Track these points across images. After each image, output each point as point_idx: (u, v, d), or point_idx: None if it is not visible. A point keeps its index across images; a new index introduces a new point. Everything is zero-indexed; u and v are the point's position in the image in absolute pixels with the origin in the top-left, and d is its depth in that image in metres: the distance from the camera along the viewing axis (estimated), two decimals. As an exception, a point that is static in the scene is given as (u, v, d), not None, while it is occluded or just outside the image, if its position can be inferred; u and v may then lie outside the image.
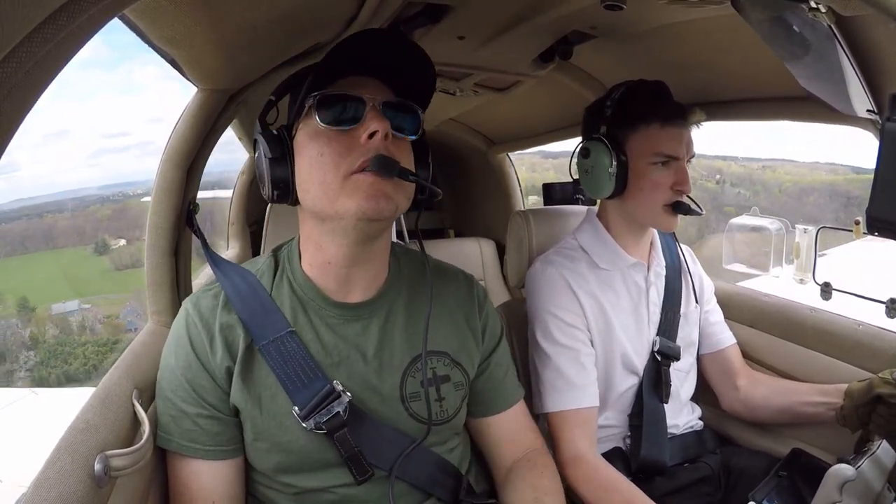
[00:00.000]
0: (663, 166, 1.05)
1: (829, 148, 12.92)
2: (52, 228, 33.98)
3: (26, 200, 33.79)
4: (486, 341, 0.90)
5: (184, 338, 0.76)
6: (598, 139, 1.08)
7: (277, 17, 0.79)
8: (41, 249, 34.58)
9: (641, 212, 1.09)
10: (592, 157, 1.09)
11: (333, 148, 0.70)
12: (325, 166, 0.70)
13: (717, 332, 1.25)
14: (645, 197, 1.06)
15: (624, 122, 1.07)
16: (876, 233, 0.58)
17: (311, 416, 0.73)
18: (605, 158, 1.06)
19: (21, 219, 35.90)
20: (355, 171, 0.69)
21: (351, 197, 0.69)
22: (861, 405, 0.97)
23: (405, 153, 0.74)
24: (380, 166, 0.69)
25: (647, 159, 1.05)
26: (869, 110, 0.78)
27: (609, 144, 1.06)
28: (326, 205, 0.71)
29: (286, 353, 0.74)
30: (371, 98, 0.71)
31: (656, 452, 1.08)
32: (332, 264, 0.77)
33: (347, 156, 0.70)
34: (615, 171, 1.05)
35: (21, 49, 0.35)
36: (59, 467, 0.58)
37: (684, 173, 1.05)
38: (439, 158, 2.84)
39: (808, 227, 1.50)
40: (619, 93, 1.09)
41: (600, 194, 1.11)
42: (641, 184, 1.06)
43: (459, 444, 0.89)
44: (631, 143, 1.06)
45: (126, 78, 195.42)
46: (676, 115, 1.05)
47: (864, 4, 0.48)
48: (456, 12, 1.05)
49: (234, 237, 1.96)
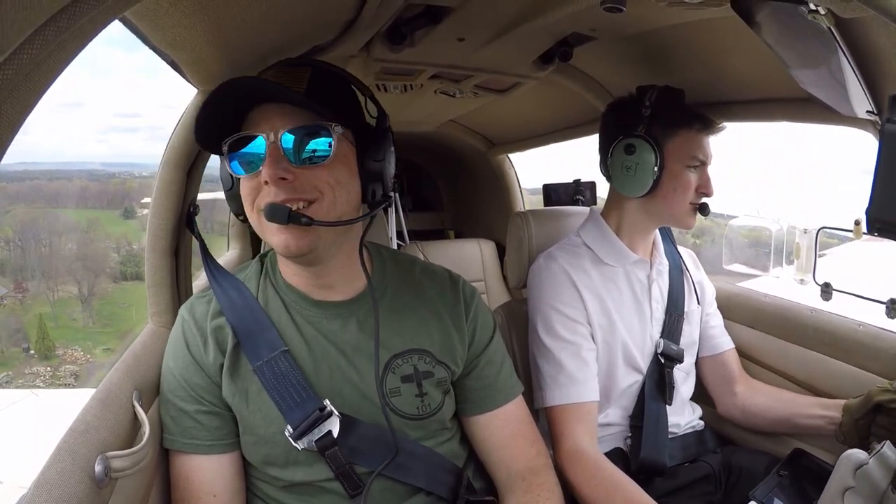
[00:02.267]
0: (694, 170, 1.09)
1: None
2: (84, 191, 36.53)
3: (30, 164, 35.32)
4: (476, 340, 0.90)
5: (180, 341, 0.81)
6: (642, 138, 1.08)
7: (277, 20, 0.79)
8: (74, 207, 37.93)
9: (669, 211, 1.12)
10: (637, 155, 1.09)
11: (247, 190, 0.74)
12: (248, 205, 0.75)
13: (717, 336, 1.26)
14: (677, 197, 1.09)
15: (665, 123, 1.08)
16: (876, 233, 0.58)
17: (304, 437, 0.76)
18: (650, 157, 1.07)
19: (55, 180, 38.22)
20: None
21: (270, 234, 0.74)
22: (860, 417, 0.97)
23: (322, 178, 0.72)
24: (269, 216, 0.70)
25: (684, 162, 1.08)
26: (869, 111, 0.78)
27: (653, 144, 1.07)
28: (261, 235, 0.76)
29: (279, 373, 0.77)
30: (271, 132, 0.70)
31: (656, 454, 1.08)
32: (299, 276, 0.83)
33: (256, 195, 0.73)
34: (658, 170, 1.07)
35: (22, 51, 0.35)
36: (60, 468, 0.58)
37: (709, 178, 1.10)
38: (439, 159, 2.87)
39: (808, 227, 1.50)
40: (654, 95, 1.09)
41: (636, 192, 1.10)
42: (675, 184, 1.08)
43: (451, 438, 0.89)
44: (671, 144, 1.08)
45: (145, 60, 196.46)
46: (710, 122, 1.10)
47: (864, 6, 0.48)
48: (456, 14, 1.05)
49: (234, 238, 1.96)
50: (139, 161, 69.16)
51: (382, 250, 0.91)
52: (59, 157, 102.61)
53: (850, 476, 0.69)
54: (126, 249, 36.01)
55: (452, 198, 2.94)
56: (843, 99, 0.81)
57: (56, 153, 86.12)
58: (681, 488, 1.10)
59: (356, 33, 1.00)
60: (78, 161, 61.54)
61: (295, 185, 0.71)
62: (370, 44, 1.16)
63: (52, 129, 58.99)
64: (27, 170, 23.25)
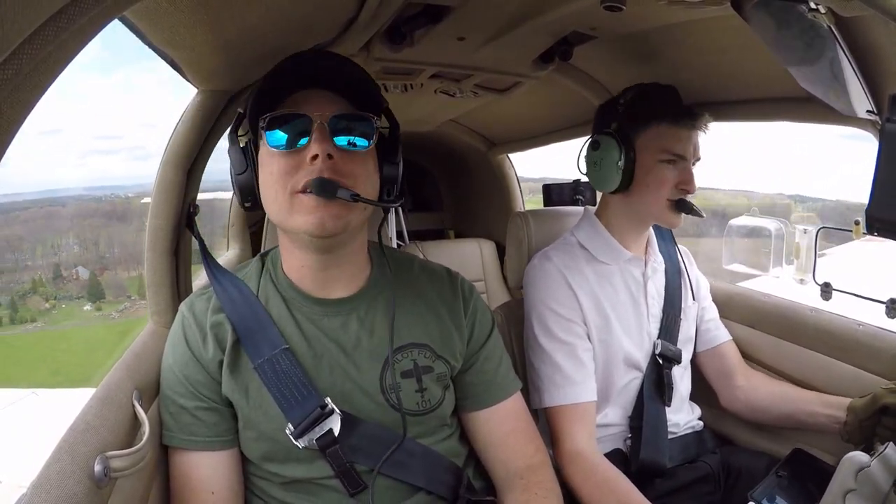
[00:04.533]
0: (670, 164, 1.08)
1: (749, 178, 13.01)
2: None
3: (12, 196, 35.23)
4: (475, 335, 0.91)
5: (180, 337, 0.81)
6: (609, 133, 1.11)
7: (277, 19, 0.79)
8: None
9: (646, 207, 1.11)
10: (601, 150, 1.12)
11: (282, 167, 0.74)
12: (276, 185, 0.74)
13: (712, 329, 1.26)
14: (650, 192, 1.09)
15: (635, 119, 1.09)
16: (875, 232, 0.58)
17: (304, 435, 0.76)
18: (614, 152, 1.09)
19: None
20: (299, 190, 0.73)
21: (298, 215, 0.74)
22: (865, 419, 0.96)
23: (358, 165, 0.76)
24: (319, 189, 0.71)
25: (654, 156, 1.08)
26: (869, 111, 0.78)
27: (619, 139, 1.09)
28: (282, 220, 0.76)
29: (280, 371, 0.78)
30: (318, 114, 0.73)
31: (656, 455, 1.08)
32: (306, 268, 0.82)
33: (294, 174, 0.73)
34: (623, 164, 1.08)
35: (22, 51, 0.35)
36: (59, 468, 0.58)
37: (689, 173, 1.08)
38: (439, 159, 2.87)
39: (808, 227, 1.50)
40: (632, 93, 1.12)
41: (606, 187, 1.13)
42: (648, 180, 1.08)
43: (451, 436, 0.89)
44: (640, 139, 1.09)
45: (122, 79, 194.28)
46: (686, 116, 1.08)
47: (864, 5, 0.48)
48: (456, 13, 1.05)
49: (233, 238, 1.96)
50: (121, 183, 70.00)
51: (383, 247, 0.91)
52: (38, 187, 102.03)
53: (852, 478, 0.69)
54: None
55: (452, 198, 2.94)
56: (843, 98, 0.81)
57: (36, 183, 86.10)
58: (680, 489, 1.10)
59: (356, 33, 1.00)
60: (59, 188, 61.94)
61: (336, 166, 0.73)
62: (370, 43, 1.16)
63: (28, 158, 59.28)
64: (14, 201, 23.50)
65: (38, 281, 12.67)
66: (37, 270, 12.49)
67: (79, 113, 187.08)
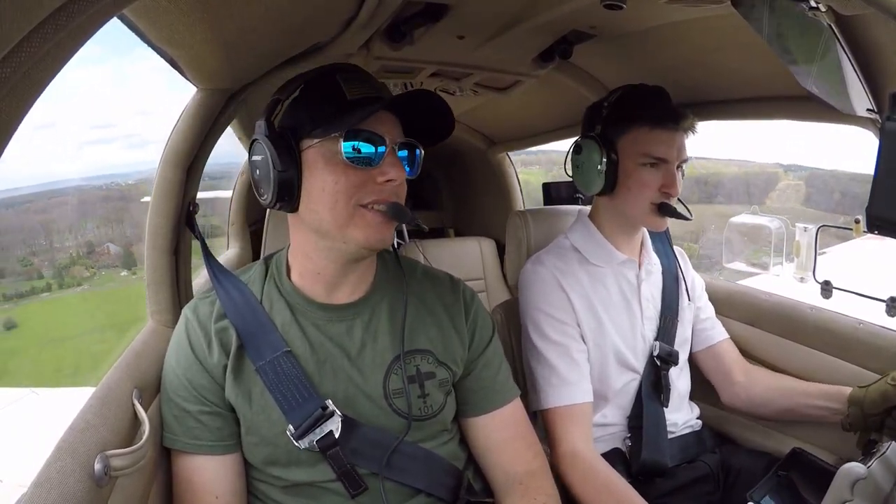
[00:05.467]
0: (652, 167, 1.07)
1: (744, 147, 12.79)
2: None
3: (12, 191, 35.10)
4: (475, 342, 0.91)
5: (184, 341, 0.81)
6: (591, 137, 1.11)
7: (277, 17, 0.78)
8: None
9: (629, 210, 1.12)
10: (584, 154, 1.13)
11: (350, 180, 0.74)
12: (339, 195, 0.74)
13: (708, 328, 1.26)
14: (632, 196, 1.09)
15: (617, 122, 1.09)
16: (875, 231, 0.58)
17: (305, 437, 0.77)
18: (595, 155, 1.10)
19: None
20: (364, 204, 0.75)
21: (359, 228, 0.75)
22: (873, 414, 0.95)
23: (404, 185, 0.79)
24: (395, 214, 0.75)
25: (635, 159, 1.08)
26: (869, 109, 0.78)
27: (600, 142, 1.09)
28: (333, 228, 0.76)
29: (282, 372, 0.78)
30: (391, 139, 0.76)
31: (658, 455, 1.08)
32: (321, 275, 0.82)
33: (361, 188, 0.74)
34: (604, 167, 1.09)
35: (21, 49, 0.35)
36: (59, 467, 0.58)
37: (672, 176, 1.07)
38: (439, 158, 2.86)
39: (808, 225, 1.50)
40: (617, 95, 1.12)
41: (590, 190, 1.14)
42: (629, 183, 1.09)
43: (451, 440, 0.89)
44: (622, 142, 1.09)
45: (112, 70, 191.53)
46: (667, 118, 1.06)
47: (864, 3, 0.48)
48: (455, 11, 1.05)
49: (233, 237, 1.96)
50: (120, 171, 69.27)
51: (385, 254, 0.92)
52: (33, 181, 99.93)
53: (848, 490, 0.68)
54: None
55: (452, 196, 2.94)
56: (844, 97, 0.81)
57: (32, 177, 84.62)
58: (679, 489, 1.10)
59: (355, 31, 1.00)
60: (57, 181, 60.82)
61: (398, 191, 0.77)
62: (370, 42, 1.16)
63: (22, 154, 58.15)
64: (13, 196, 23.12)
65: (75, 256, 13.88)
66: (68, 251, 13.48)
67: (71, 105, 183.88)
